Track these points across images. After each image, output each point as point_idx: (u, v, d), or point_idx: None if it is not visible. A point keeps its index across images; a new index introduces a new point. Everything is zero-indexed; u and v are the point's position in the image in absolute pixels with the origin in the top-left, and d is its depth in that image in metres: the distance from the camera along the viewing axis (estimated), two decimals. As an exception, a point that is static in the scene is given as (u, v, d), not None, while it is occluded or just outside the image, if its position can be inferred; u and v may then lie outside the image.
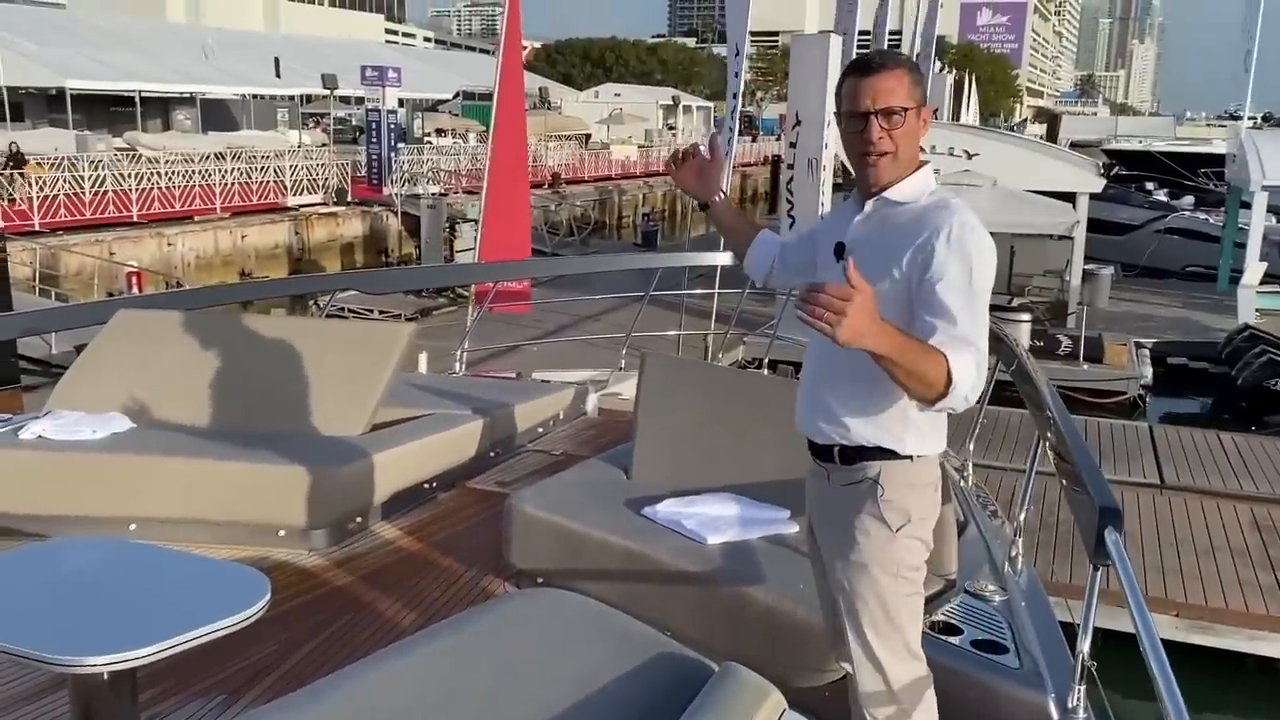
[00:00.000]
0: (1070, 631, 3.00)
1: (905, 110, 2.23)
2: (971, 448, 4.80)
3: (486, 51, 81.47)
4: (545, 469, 4.97)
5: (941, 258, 2.15)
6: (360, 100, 32.14)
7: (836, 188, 20.33)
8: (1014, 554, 3.56)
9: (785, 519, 3.44)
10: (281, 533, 3.97)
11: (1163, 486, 9.11)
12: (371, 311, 16.81)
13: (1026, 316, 16.01)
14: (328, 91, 32.83)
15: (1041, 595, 3.38)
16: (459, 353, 6.53)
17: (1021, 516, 3.67)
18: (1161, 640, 2.04)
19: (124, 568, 2.51)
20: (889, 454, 2.28)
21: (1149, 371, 14.96)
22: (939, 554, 3.17)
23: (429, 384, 5.52)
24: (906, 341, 2.01)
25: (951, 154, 17.52)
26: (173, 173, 23.47)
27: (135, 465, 3.96)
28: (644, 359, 4.11)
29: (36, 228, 19.21)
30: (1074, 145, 30.14)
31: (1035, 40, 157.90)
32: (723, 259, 7.74)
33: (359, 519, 4.14)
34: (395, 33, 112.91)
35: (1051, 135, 47.99)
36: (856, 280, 1.86)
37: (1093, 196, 18.70)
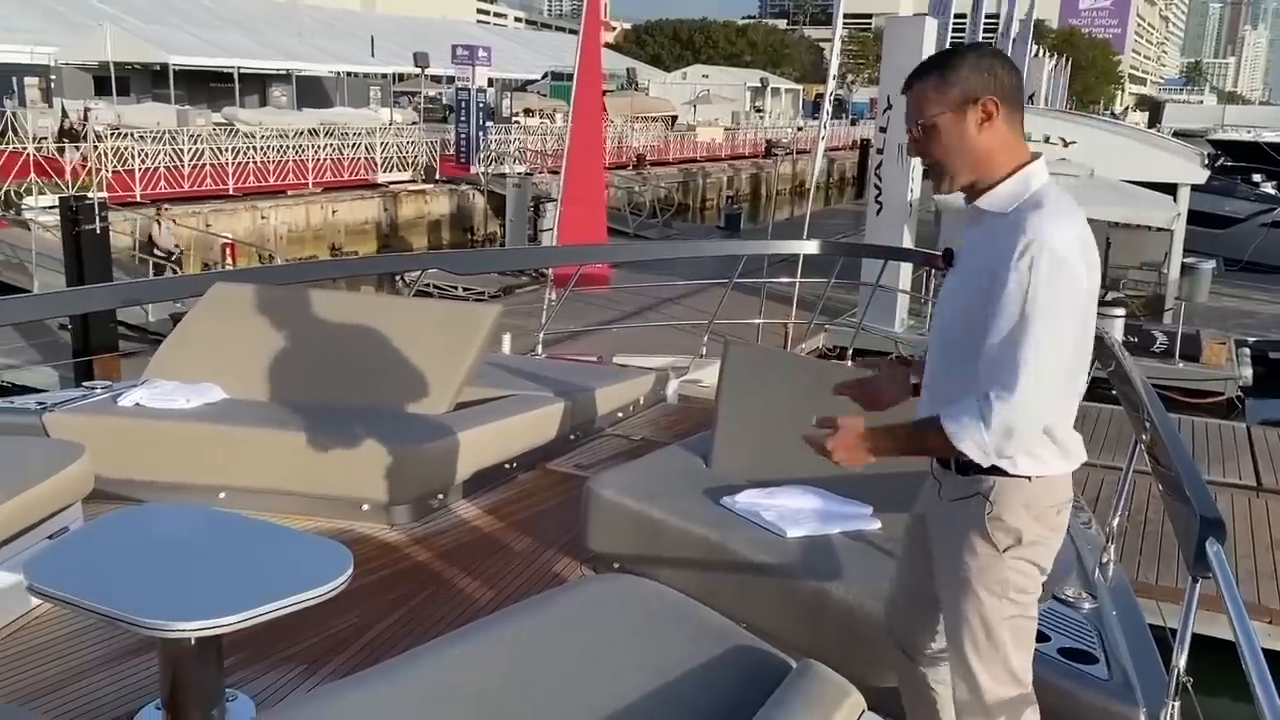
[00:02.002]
0: (1161, 637, 2.94)
1: (929, 124, 2.16)
2: None
3: (575, 32, 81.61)
4: (624, 454, 4.97)
5: (1003, 278, 2.04)
6: (451, 79, 32.47)
7: (926, 174, 19.93)
8: (1105, 559, 3.42)
9: (867, 515, 3.38)
10: (365, 507, 4.04)
11: (1259, 489, 8.81)
12: (456, 288, 17.01)
13: (1121, 311, 15.54)
14: (419, 70, 33.22)
15: (1133, 603, 3.24)
16: (539, 334, 6.56)
17: (1114, 521, 3.52)
18: None
19: (213, 535, 2.57)
20: (1001, 471, 2.17)
21: (1249, 372, 14.38)
22: None
23: (511, 364, 5.57)
24: (896, 437, 2.24)
25: (1047, 141, 17.07)
26: (268, 148, 24.05)
27: (226, 436, 4.06)
28: (727, 347, 4.08)
29: (138, 199, 19.84)
30: (1177, 135, 29.10)
31: (1140, 25, 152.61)
32: (807, 247, 7.64)
33: (440, 496, 4.20)
34: (487, 13, 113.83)
35: (1154, 124, 46.47)
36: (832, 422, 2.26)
37: (1195, 188, 18.05)
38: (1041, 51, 42.97)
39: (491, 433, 4.46)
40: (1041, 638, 2.79)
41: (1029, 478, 2.16)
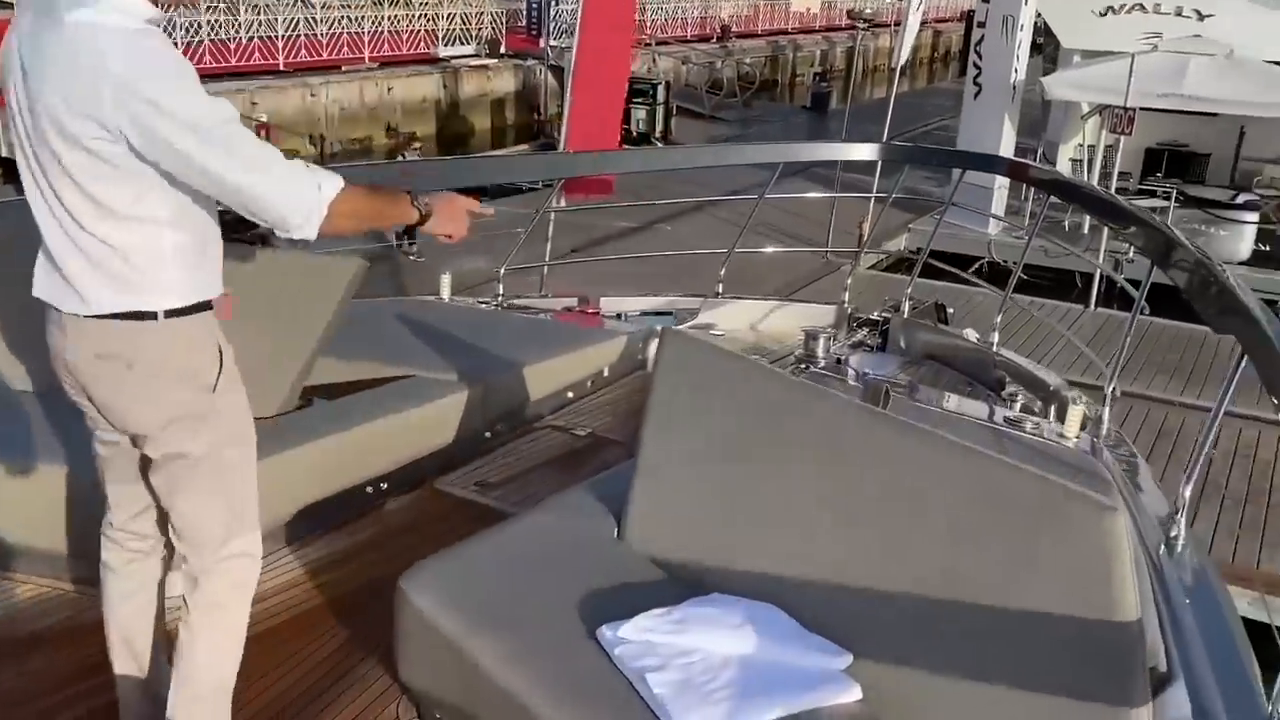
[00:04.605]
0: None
1: None
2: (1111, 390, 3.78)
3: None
4: (557, 462, 3.64)
5: None
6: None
7: (1035, 49, 17.62)
8: (1174, 534, 2.76)
9: (838, 667, 2.03)
10: None
11: None
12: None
13: (1253, 216, 13.55)
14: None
15: (1217, 597, 2.55)
16: (500, 271, 5.11)
17: (1187, 489, 2.79)
18: None
19: None
20: None
21: None
22: None
23: (434, 322, 4.19)
24: None
25: (1179, 14, 14.67)
26: (328, 19, 22.51)
27: None
28: (662, 339, 2.67)
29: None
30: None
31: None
32: (861, 151, 6.09)
33: None
34: None
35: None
36: None
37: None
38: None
39: (349, 441, 3.16)
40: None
41: None
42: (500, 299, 4.95)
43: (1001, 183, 13.79)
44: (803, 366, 4.84)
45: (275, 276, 3.09)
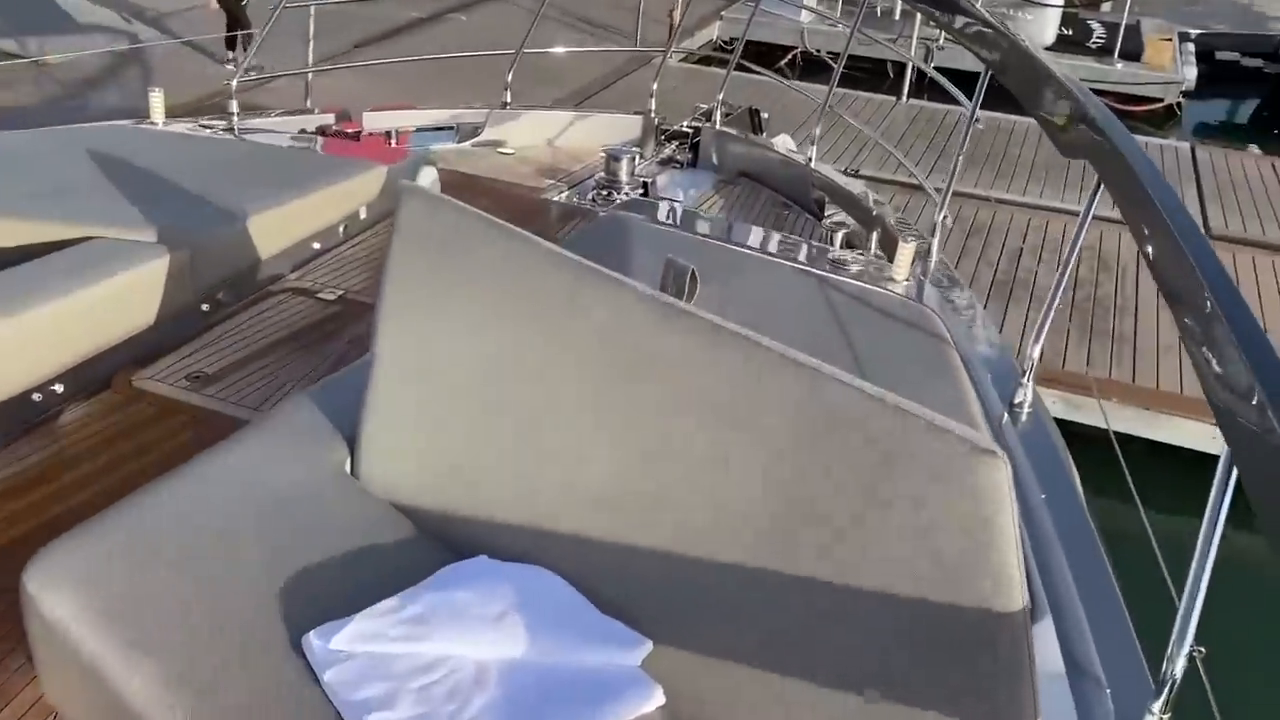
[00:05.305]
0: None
1: None
2: (942, 218, 3.44)
3: None
4: (297, 339, 2.93)
5: None
6: None
7: None
8: (1020, 400, 2.46)
9: (634, 665, 1.53)
10: None
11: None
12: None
13: (1060, 1, 13.39)
14: None
15: (1065, 469, 2.24)
16: (232, 85, 4.13)
17: (1035, 349, 2.47)
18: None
19: None
20: None
21: (1192, 74, 12.90)
22: None
23: (135, 157, 3.28)
24: None
25: None
26: None
27: None
28: (402, 195, 1.99)
29: None
30: None
31: None
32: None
33: None
34: None
35: None
36: None
37: None
38: None
39: (4, 331, 2.38)
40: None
41: None
42: (233, 120, 4.03)
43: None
44: (604, 193, 4.23)
45: None
